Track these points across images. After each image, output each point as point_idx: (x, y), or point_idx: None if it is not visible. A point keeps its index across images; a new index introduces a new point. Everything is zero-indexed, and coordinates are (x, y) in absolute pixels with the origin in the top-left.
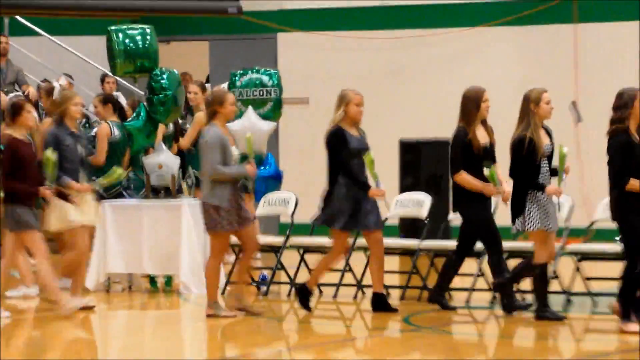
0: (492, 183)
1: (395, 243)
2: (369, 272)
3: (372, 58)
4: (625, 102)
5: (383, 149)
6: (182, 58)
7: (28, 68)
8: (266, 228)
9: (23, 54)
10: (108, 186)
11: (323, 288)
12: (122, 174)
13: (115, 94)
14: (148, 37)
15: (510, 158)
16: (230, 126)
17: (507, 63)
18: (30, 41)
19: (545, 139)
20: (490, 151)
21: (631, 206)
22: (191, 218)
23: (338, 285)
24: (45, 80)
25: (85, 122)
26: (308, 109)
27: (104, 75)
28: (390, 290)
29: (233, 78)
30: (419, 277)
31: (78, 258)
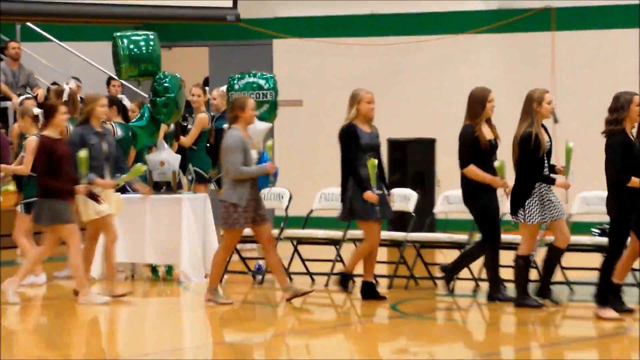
0: (500, 175)
1: (383, 235)
2: (362, 262)
3: (363, 63)
4: (621, 105)
5: None
6: (184, 62)
7: (38, 72)
8: None
9: (34, 59)
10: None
11: (315, 277)
12: (144, 170)
13: (120, 97)
14: (151, 43)
15: (516, 153)
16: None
17: (490, 68)
18: (40, 46)
19: (545, 136)
20: (495, 146)
21: (630, 204)
22: (191, 211)
23: (329, 274)
24: (54, 83)
25: None
26: (302, 111)
27: (110, 78)
28: (378, 279)
29: (231, 81)
30: (406, 267)
31: (109, 245)
